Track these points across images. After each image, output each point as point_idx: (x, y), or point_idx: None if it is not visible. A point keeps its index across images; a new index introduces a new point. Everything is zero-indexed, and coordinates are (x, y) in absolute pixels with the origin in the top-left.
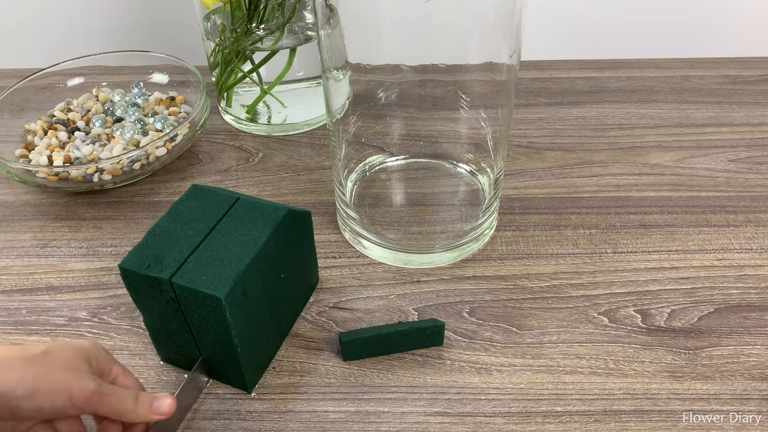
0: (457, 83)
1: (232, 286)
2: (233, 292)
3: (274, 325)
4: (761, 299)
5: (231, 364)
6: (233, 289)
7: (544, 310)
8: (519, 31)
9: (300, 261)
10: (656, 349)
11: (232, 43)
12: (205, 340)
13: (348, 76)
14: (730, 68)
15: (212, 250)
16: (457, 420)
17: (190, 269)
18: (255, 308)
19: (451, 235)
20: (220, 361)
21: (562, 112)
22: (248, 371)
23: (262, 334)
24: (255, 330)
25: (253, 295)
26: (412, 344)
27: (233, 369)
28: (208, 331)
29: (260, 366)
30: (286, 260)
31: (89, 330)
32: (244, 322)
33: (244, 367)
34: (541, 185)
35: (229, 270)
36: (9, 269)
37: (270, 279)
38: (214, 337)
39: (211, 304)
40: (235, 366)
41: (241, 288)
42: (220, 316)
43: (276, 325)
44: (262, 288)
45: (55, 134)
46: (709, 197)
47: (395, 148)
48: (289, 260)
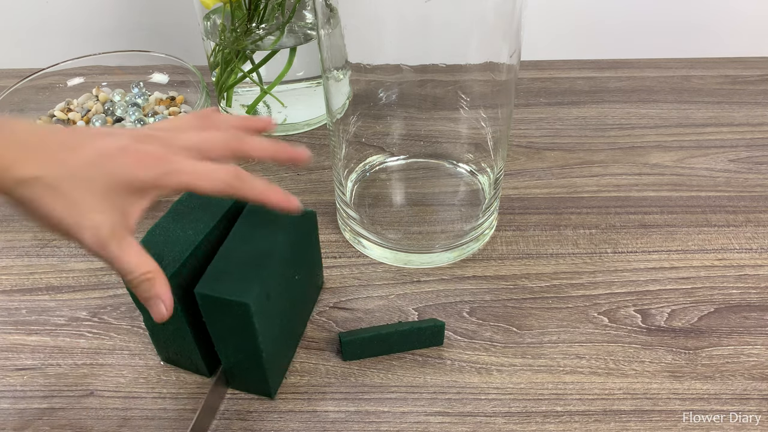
0: (457, 83)
1: (258, 290)
2: (259, 297)
3: (291, 329)
4: (761, 299)
5: (254, 371)
6: (259, 293)
7: (544, 310)
8: (519, 31)
9: (309, 262)
10: (656, 349)
11: (232, 43)
12: (227, 349)
13: (348, 76)
14: (730, 68)
15: (229, 255)
16: (457, 420)
17: (211, 277)
18: (276, 312)
19: (451, 235)
20: (241, 369)
21: (562, 112)
22: (271, 376)
23: (282, 339)
24: (276, 334)
25: (274, 299)
26: (412, 344)
27: (256, 375)
28: (231, 339)
29: (281, 371)
30: (298, 261)
31: (89, 330)
32: (268, 327)
33: (268, 372)
34: (541, 185)
35: (251, 274)
36: (9, 269)
37: (286, 281)
38: (238, 345)
39: (238, 310)
40: (258, 372)
41: (266, 292)
42: (247, 323)
43: (293, 328)
44: (281, 291)
45: None
46: (709, 197)
47: (395, 148)
48: (301, 261)
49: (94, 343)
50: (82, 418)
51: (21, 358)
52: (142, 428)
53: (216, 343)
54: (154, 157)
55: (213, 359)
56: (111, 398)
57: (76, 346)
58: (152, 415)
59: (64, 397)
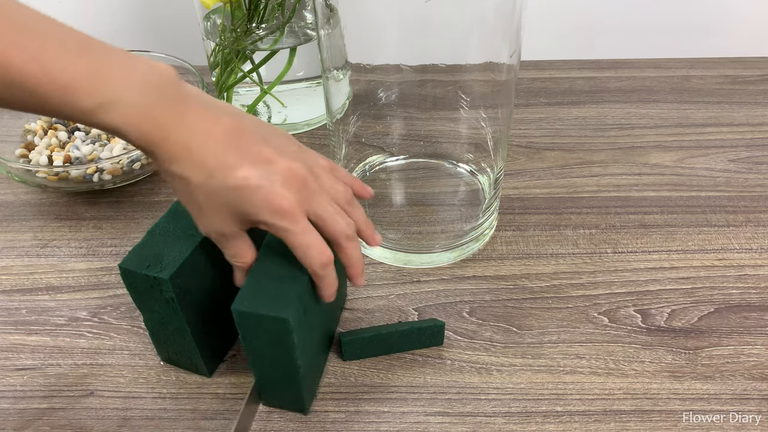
0: (457, 83)
1: (296, 305)
2: (297, 312)
3: (322, 343)
4: (761, 299)
5: (289, 387)
6: (297, 308)
7: (544, 310)
8: (519, 31)
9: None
10: (656, 349)
11: (232, 43)
12: (262, 365)
13: (348, 76)
14: (730, 68)
15: (262, 271)
16: (457, 420)
17: (248, 293)
18: (311, 327)
19: (451, 235)
20: (275, 386)
21: (562, 112)
22: (306, 391)
23: (315, 353)
24: (311, 350)
25: (309, 314)
26: (412, 344)
27: (291, 391)
28: (267, 355)
29: (314, 386)
30: None
31: (89, 330)
32: (304, 342)
33: (303, 387)
34: (541, 185)
35: (287, 289)
36: (9, 269)
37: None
38: (274, 361)
39: (277, 326)
40: (293, 388)
41: (303, 307)
42: (286, 338)
43: (324, 342)
44: (314, 306)
45: (55, 134)
46: (709, 197)
47: (395, 148)
48: None
49: (94, 343)
50: (82, 418)
51: (21, 358)
52: (142, 428)
53: (251, 360)
54: (285, 211)
55: (213, 359)
56: (111, 398)
57: (76, 346)
58: (152, 415)
59: (64, 397)
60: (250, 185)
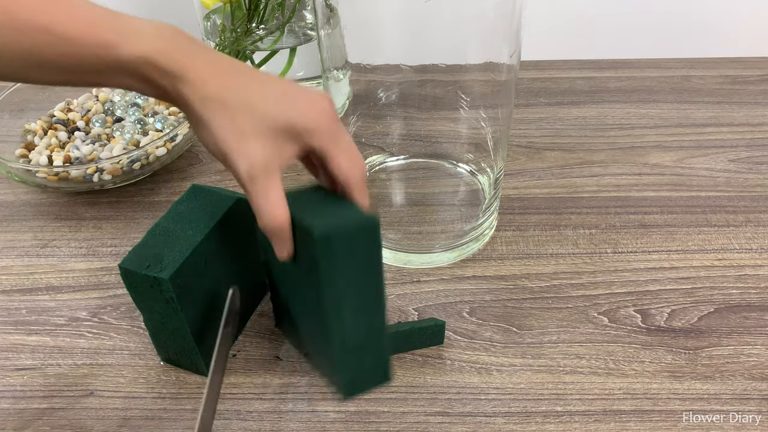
0: (457, 83)
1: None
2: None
3: (376, 324)
4: (761, 299)
5: (375, 351)
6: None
7: (544, 310)
8: (519, 31)
9: None
10: (656, 349)
11: (232, 43)
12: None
13: (348, 76)
14: (730, 68)
15: None
16: (457, 420)
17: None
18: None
19: (451, 235)
20: (362, 351)
21: (562, 112)
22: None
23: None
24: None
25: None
26: (412, 344)
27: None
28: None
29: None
30: None
31: (89, 330)
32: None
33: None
34: (541, 185)
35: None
36: (9, 269)
37: None
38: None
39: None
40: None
41: None
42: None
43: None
44: None
45: (55, 134)
46: (709, 197)
47: (395, 148)
48: None
49: (94, 343)
50: (82, 418)
51: (21, 358)
52: (142, 428)
53: (340, 317)
54: (329, 117)
55: None
56: (111, 398)
57: (76, 346)
58: (152, 415)
59: (64, 397)
60: (295, 87)
